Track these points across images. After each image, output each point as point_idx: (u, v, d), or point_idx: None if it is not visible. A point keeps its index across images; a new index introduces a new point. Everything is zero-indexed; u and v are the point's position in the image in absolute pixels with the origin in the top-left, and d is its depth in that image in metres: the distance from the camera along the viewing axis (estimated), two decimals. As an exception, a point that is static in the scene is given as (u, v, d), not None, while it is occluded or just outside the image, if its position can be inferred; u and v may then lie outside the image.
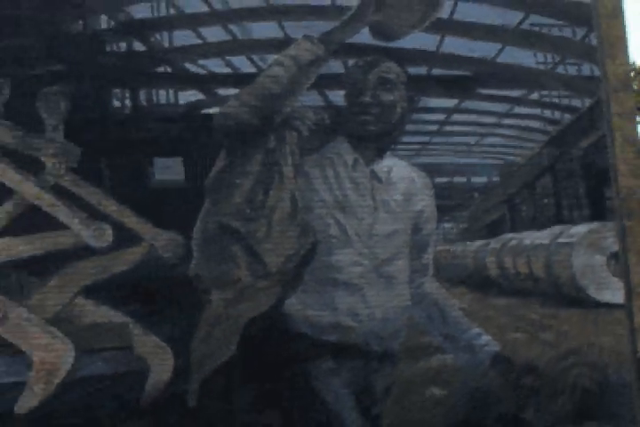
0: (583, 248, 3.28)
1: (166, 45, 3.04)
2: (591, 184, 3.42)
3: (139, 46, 3.03)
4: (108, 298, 2.76)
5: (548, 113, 3.51)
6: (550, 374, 2.99)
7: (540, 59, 3.34)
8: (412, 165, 2.95)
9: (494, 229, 3.49)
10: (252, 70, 2.92)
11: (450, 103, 3.30)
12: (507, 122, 3.47)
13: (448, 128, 3.38)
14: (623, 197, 3.04)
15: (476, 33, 3.22)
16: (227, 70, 3.06)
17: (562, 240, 3.38)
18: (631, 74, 3.56)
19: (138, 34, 2.98)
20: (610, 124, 3.11)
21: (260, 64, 2.93)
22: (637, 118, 3.67)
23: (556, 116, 3.51)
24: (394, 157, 2.88)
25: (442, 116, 3.33)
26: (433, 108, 3.26)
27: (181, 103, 3.04)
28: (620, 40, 3.16)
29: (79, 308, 2.78)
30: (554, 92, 3.43)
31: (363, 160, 2.79)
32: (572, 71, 3.43)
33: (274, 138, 2.71)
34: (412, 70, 2.98)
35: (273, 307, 2.66)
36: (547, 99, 3.46)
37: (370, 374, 2.76)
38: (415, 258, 2.88)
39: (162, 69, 3.07)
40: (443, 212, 3.04)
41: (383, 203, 2.80)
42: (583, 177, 3.46)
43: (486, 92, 3.37)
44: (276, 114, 2.68)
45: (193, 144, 2.89)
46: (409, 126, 3.06)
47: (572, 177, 3.49)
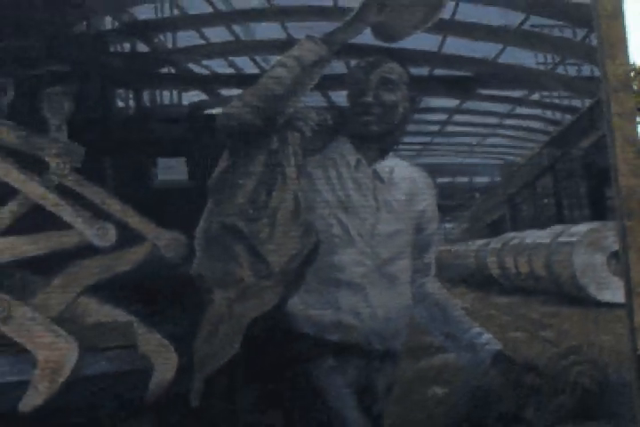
0: (584, 247, 3.29)
1: (170, 46, 3.04)
2: (591, 184, 3.43)
3: (142, 47, 3.04)
4: (111, 297, 2.77)
5: (548, 113, 3.53)
6: (551, 373, 3.00)
7: (541, 59, 3.36)
8: (414, 165, 2.96)
9: (495, 229, 3.50)
10: (255, 71, 2.93)
11: (451, 103, 3.31)
12: (508, 122, 3.48)
13: (450, 128, 3.39)
14: (623, 196, 3.06)
15: (477, 34, 3.24)
16: (230, 71, 3.07)
17: (562, 239, 3.39)
18: (631, 74, 3.56)
19: (141, 35, 2.99)
20: (610, 125, 3.13)
21: (263, 65, 2.94)
22: (637, 118, 3.69)
23: (557, 116, 3.52)
24: (396, 157, 2.89)
25: (443, 117, 3.34)
26: (435, 108, 3.27)
27: (185, 104, 3.05)
28: (620, 41, 3.18)
29: (83, 307, 2.78)
30: (554, 93, 3.45)
31: (365, 160, 2.79)
32: (573, 72, 3.45)
33: (277, 139, 2.72)
34: (414, 71, 2.99)
35: (276, 306, 2.66)
36: (547, 99, 3.48)
37: (372, 373, 2.76)
38: (417, 258, 2.88)
39: (165, 70, 3.08)
40: (444, 211, 3.05)
41: (385, 203, 2.80)
42: (584, 177, 3.47)
43: (487, 92, 3.38)
44: (279, 114, 2.68)
45: (196, 144, 2.90)
46: (411, 126, 3.07)
47: (572, 177, 3.51)
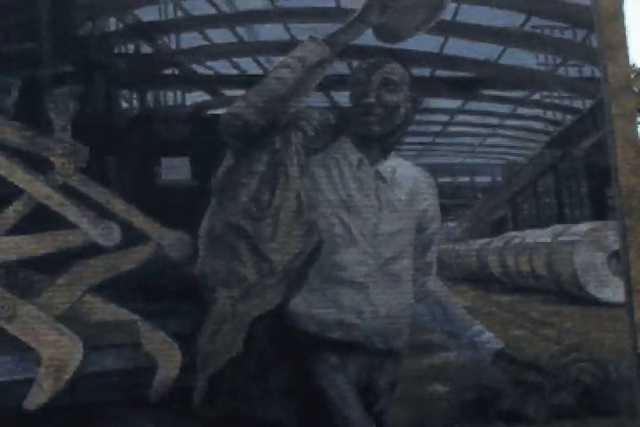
0: (584, 246, 3.30)
1: (174, 47, 3.06)
2: (592, 183, 3.45)
3: (146, 48, 3.06)
4: (116, 296, 2.79)
5: (549, 114, 3.54)
6: (552, 370, 3.01)
7: (542, 60, 3.37)
8: (417, 164, 2.96)
9: (497, 228, 3.51)
10: (259, 72, 2.95)
11: (453, 104, 3.33)
12: (509, 123, 3.50)
13: (451, 129, 3.40)
14: (624, 196, 3.08)
15: (478, 35, 3.25)
16: (233, 72, 3.09)
17: (563, 238, 3.41)
18: (631, 75, 3.57)
19: (146, 36, 3.01)
20: (610, 125, 3.14)
21: (267, 66, 2.97)
22: (637, 119, 3.71)
23: (558, 117, 3.53)
24: (398, 157, 2.89)
25: (445, 117, 3.36)
26: (436, 108, 3.29)
27: (188, 104, 3.07)
28: (621, 42, 3.19)
29: (88, 305, 2.81)
30: (555, 94, 3.46)
31: (367, 160, 2.80)
32: (574, 73, 3.46)
33: (280, 138, 2.73)
34: (416, 72, 3.01)
35: (278, 305, 2.66)
36: (548, 100, 3.49)
37: (374, 371, 2.75)
38: (419, 257, 2.88)
39: (169, 71, 3.10)
40: (446, 211, 3.06)
41: (387, 202, 2.80)
42: (584, 177, 3.48)
43: (489, 93, 3.40)
44: (282, 115, 2.69)
45: (199, 145, 2.92)
46: (413, 127, 3.09)
47: (573, 177, 3.52)
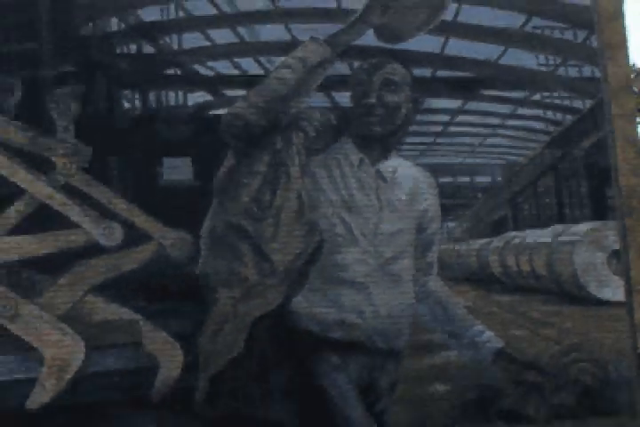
0: (585, 246, 3.31)
1: (175, 48, 3.07)
2: (592, 183, 3.45)
3: (148, 49, 3.07)
4: (118, 296, 2.79)
5: (550, 114, 3.55)
6: (552, 370, 3.02)
7: (542, 61, 3.38)
8: (417, 164, 2.97)
9: (497, 228, 3.52)
10: (260, 72, 2.96)
11: (454, 104, 3.34)
12: (509, 123, 3.50)
13: (452, 129, 3.41)
14: (624, 195, 3.09)
15: (479, 35, 3.26)
16: (235, 72, 3.10)
17: (563, 238, 3.41)
18: (631, 75, 3.58)
19: (147, 36, 3.02)
20: (611, 125, 3.15)
21: (268, 66, 2.97)
22: (637, 119, 3.71)
23: (558, 117, 3.54)
24: (399, 157, 2.90)
25: (446, 118, 3.37)
26: (437, 109, 3.29)
27: (190, 104, 3.08)
28: (621, 42, 3.20)
29: (90, 305, 2.81)
30: (556, 94, 3.47)
31: (368, 160, 2.80)
32: (574, 73, 3.47)
33: (281, 139, 2.74)
34: (417, 72, 3.02)
35: (280, 305, 2.67)
36: (549, 100, 3.50)
37: (375, 370, 2.76)
38: (420, 257, 2.89)
39: (171, 71, 3.11)
40: (447, 211, 3.07)
41: (388, 202, 2.81)
42: (585, 176, 3.49)
43: (489, 93, 3.40)
44: (284, 115, 2.70)
45: (201, 145, 2.92)
46: (414, 127, 3.09)
47: (573, 176, 3.53)
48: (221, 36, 3.08)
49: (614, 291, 3.19)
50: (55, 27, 2.92)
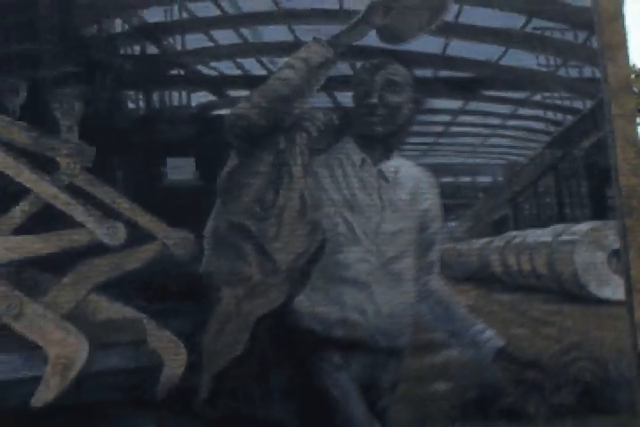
0: (585, 246, 3.32)
1: (179, 48, 3.08)
2: (593, 183, 3.46)
3: (152, 49, 3.08)
4: (121, 295, 2.80)
5: (550, 114, 3.55)
6: (553, 369, 3.03)
7: (543, 61, 3.39)
8: (419, 164, 2.98)
9: (498, 228, 3.53)
10: (263, 72, 2.97)
11: (455, 105, 3.35)
12: (510, 123, 3.51)
13: (453, 129, 3.42)
14: (624, 195, 3.10)
15: (480, 36, 3.27)
16: (238, 72, 3.11)
17: (564, 238, 3.42)
18: (631, 76, 3.59)
19: (151, 37, 3.03)
20: (611, 125, 3.16)
21: (271, 66, 2.98)
22: (637, 119, 3.73)
23: (559, 117, 3.55)
24: (401, 157, 2.91)
25: (447, 118, 3.38)
26: (439, 109, 3.30)
27: (193, 105, 3.09)
28: (621, 43, 3.22)
29: (93, 304, 2.82)
30: (556, 94, 3.47)
31: (370, 160, 2.82)
32: (574, 73, 3.48)
33: (284, 139, 2.75)
34: (419, 72, 3.03)
35: (282, 304, 2.68)
36: (549, 100, 3.50)
37: (377, 369, 2.77)
38: (421, 256, 2.90)
39: (174, 72, 3.12)
40: (448, 211, 3.08)
41: (390, 202, 2.83)
42: (585, 176, 3.50)
43: (490, 93, 3.41)
44: (286, 115, 2.71)
45: (204, 145, 2.94)
46: (415, 127, 3.11)
47: (574, 176, 3.54)
48: (224, 36, 3.09)
49: (614, 290, 3.21)
50: (59, 27, 2.93)
